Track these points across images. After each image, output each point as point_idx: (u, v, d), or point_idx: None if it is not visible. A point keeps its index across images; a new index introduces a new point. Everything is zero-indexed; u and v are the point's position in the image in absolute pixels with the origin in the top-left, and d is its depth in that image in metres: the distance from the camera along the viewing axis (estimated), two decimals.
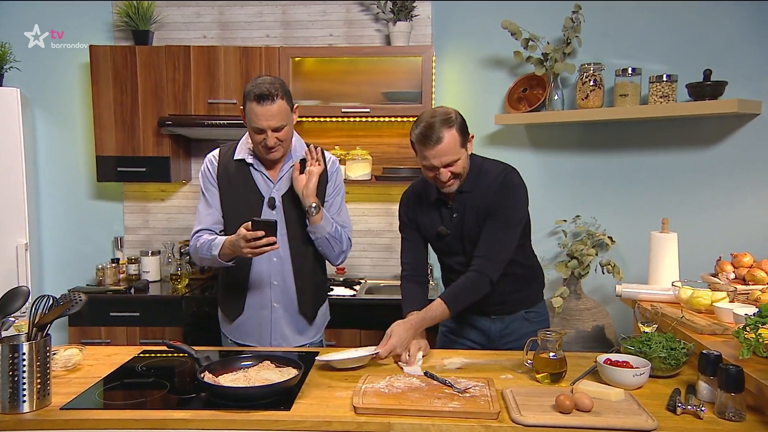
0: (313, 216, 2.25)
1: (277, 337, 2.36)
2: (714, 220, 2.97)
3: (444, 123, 2.06)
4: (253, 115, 2.15)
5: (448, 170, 2.10)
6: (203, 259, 2.28)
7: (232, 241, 2.14)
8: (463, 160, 2.12)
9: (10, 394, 1.59)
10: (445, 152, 2.06)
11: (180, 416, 1.61)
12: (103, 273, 3.66)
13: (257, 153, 2.29)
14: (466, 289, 2.14)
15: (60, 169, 3.92)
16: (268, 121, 2.15)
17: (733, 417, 1.58)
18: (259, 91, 2.13)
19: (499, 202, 2.16)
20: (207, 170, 2.35)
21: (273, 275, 2.33)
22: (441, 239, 2.26)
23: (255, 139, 2.22)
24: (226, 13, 3.80)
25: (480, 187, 2.19)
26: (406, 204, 2.37)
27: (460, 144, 2.09)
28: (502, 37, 3.41)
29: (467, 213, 2.20)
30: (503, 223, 2.15)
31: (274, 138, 2.18)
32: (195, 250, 2.30)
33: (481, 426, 1.57)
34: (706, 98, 2.80)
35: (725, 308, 2.11)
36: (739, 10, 2.87)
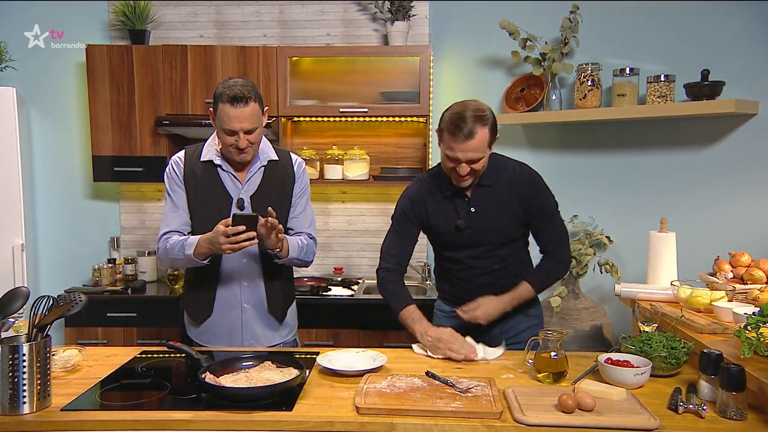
0: (280, 255, 2.26)
1: (249, 338, 2.33)
2: (711, 219, 2.98)
3: (478, 119, 2.05)
4: (226, 117, 2.13)
5: (469, 166, 2.10)
6: (175, 260, 2.25)
7: (208, 239, 2.11)
8: (485, 159, 2.13)
9: (10, 396, 1.58)
10: (473, 149, 2.07)
11: (181, 417, 1.60)
12: (99, 273, 3.64)
13: (227, 155, 2.25)
14: (550, 273, 2.30)
15: (55, 169, 3.90)
16: (241, 123, 2.13)
17: (735, 416, 1.59)
18: (233, 93, 2.11)
19: (534, 196, 2.24)
20: (173, 172, 2.30)
21: (243, 275, 2.30)
22: (459, 232, 2.25)
23: (226, 141, 2.19)
24: (222, 12, 3.79)
25: (501, 181, 2.22)
26: (414, 199, 2.32)
27: (488, 143, 2.10)
28: (500, 37, 3.42)
29: (488, 207, 2.22)
30: (550, 212, 2.27)
31: (245, 140, 2.16)
32: (165, 251, 2.25)
33: (484, 426, 1.57)
34: (703, 98, 2.81)
35: (724, 307, 2.12)
36: (737, 11, 2.88)
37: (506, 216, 2.22)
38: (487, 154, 2.12)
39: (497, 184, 2.22)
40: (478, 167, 2.12)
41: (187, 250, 2.18)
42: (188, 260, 2.20)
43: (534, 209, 2.24)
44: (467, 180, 2.15)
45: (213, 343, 2.34)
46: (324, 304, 3.32)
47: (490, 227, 2.23)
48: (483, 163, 2.12)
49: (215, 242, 2.08)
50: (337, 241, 3.88)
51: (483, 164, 2.13)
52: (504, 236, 2.25)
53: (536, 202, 2.23)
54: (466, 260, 2.28)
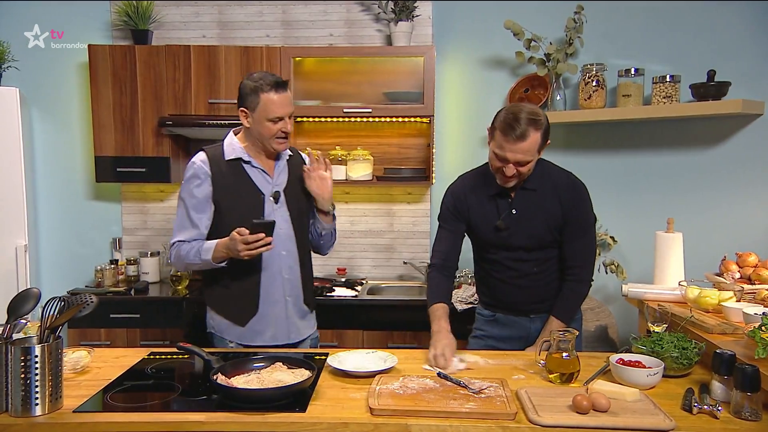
0: (331, 215, 2.36)
1: (293, 331, 2.37)
2: (717, 219, 2.99)
3: (532, 122, 2.06)
4: (271, 105, 2.18)
5: (516, 168, 2.11)
6: (190, 265, 2.27)
7: (225, 244, 2.15)
8: (533, 163, 2.13)
9: (22, 397, 1.57)
10: (523, 151, 2.07)
11: (195, 418, 1.59)
12: (102, 274, 3.62)
13: (267, 147, 2.28)
14: (574, 299, 2.27)
15: (57, 170, 3.88)
16: (285, 108, 2.21)
17: (750, 416, 1.58)
18: (273, 80, 2.19)
19: (574, 208, 2.22)
20: (200, 174, 2.26)
21: (283, 269, 2.33)
22: (498, 232, 2.25)
23: (270, 131, 2.22)
24: (225, 12, 3.77)
25: (545, 187, 2.22)
26: (457, 195, 2.33)
27: (538, 148, 2.10)
28: (503, 38, 3.42)
29: (529, 210, 2.22)
30: (584, 228, 2.25)
31: (290, 125, 2.24)
32: (178, 258, 2.26)
33: (498, 427, 1.56)
34: (709, 99, 2.82)
35: (734, 308, 2.12)
36: (742, 11, 2.89)
37: (546, 220, 2.22)
38: (535, 159, 2.13)
39: (541, 189, 2.22)
40: (525, 170, 2.12)
41: (204, 255, 2.20)
42: (205, 264, 2.22)
43: (572, 217, 2.22)
44: (512, 181, 2.16)
45: (257, 342, 2.33)
46: (328, 305, 3.31)
47: (530, 231, 2.23)
48: (530, 166, 2.13)
49: (233, 248, 2.11)
50: (340, 242, 3.83)
51: (530, 168, 2.13)
52: (542, 240, 2.24)
53: (576, 211, 2.22)
54: (503, 261, 2.28)
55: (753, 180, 2.89)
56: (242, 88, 2.25)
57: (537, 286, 2.27)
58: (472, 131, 3.74)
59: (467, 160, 3.70)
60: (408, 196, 3.81)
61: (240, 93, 2.26)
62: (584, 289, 2.28)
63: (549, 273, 2.28)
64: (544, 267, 2.27)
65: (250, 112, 2.23)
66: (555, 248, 2.27)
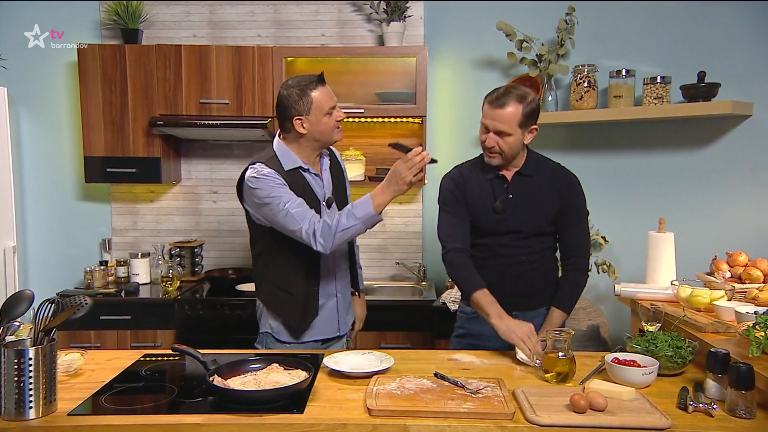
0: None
1: (342, 323, 2.44)
2: (708, 219, 3.02)
3: (516, 96, 2.15)
4: (324, 98, 2.23)
5: (495, 139, 2.17)
6: (345, 233, 2.12)
7: (384, 186, 2.10)
8: (514, 140, 2.17)
9: (15, 401, 1.54)
10: (501, 120, 2.14)
11: (192, 420, 1.58)
12: (91, 276, 3.59)
13: (328, 142, 2.32)
14: (573, 288, 2.31)
15: (45, 170, 3.84)
16: (334, 97, 2.27)
17: (744, 414, 1.60)
18: (315, 77, 2.24)
19: (571, 194, 2.29)
20: (276, 178, 2.20)
21: (337, 268, 2.39)
22: (495, 215, 2.28)
23: (329, 124, 2.25)
24: (216, 12, 3.76)
25: (541, 175, 2.29)
26: (456, 179, 2.36)
27: (518, 122, 2.15)
28: (495, 38, 3.43)
29: (525, 195, 2.28)
30: (579, 216, 2.31)
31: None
32: (327, 233, 2.11)
33: (497, 427, 1.57)
34: (699, 100, 2.84)
35: (726, 307, 2.14)
36: (732, 12, 2.92)
37: (542, 207, 2.27)
38: (516, 136, 2.16)
39: (537, 176, 2.29)
40: (504, 145, 2.17)
41: (360, 211, 2.10)
42: (366, 220, 2.11)
43: (568, 207, 2.29)
44: (495, 157, 2.22)
45: (307, 338, 2.34)
46: None
47: (526, 215, 2.27)
48: (511, 143, 2.17)
49: (398, 179, 2.08)
50: None
51: (510, 145, 2.17)
52: (537, 226, 2.29)
53: (572, 201, 2.29)
54: (497, 248, 2.30)
55: (742, 180, 2.92)
56: (286, 98, 2.23)
57: (524, 277, 2.29)
58: (464, 132, 3.75)
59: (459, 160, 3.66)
60: (400, 196, 3.78)
61: (285, 104, 2.23)
62: (583, 279, 2.33)
63: (537, 266, 2.30)
64: (534, 258, 2.29)
65: (306, 115, 2.22)
66: (547, 238, 2.32)
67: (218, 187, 3.86)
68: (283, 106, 2.24)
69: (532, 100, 2.18)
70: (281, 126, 2.30)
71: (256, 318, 2.44)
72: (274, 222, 2.20)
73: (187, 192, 3.87)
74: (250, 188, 2.21)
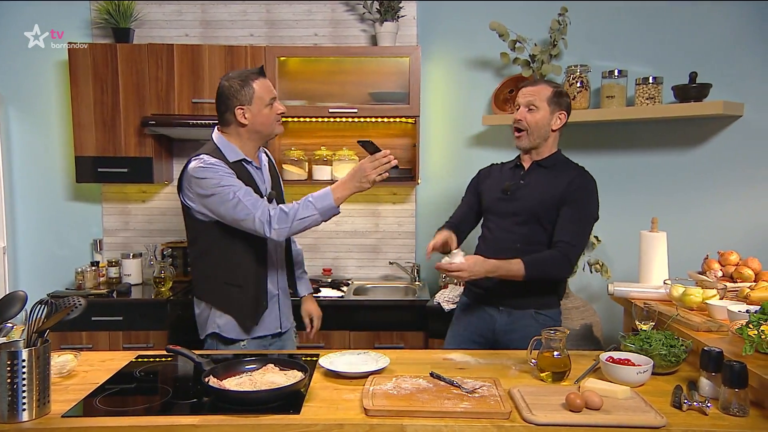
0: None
1: (285, 319, 2.45)
2: (699, 219, 3.04)
3: (549, 82, 2.41)
4: (266, 89, 2.26)
5: (524, 114, 2.33)
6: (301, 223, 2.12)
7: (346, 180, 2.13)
8: (541, 117, 2.32)
9: (8, 403, 1.52)
10: (533, 93, 2.33)
11: (188, 422, 1.57)
12: (82, 276, 3.57)
13: (270, 134, 2.34)
14: (547, 260, 2.27)
15: (35, 170, 3.81)
16: (273, 90, 2.30)
17: (738, 412, 1.61)
18: (254, 70, 2.29)
19: (574, 192, 2.31)
20: (223, 167, 2.19)
21: (278, 261, 2.42)
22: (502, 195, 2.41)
23: (270, 116, 2.28)
24: (209, 11, 3.74)
25: (559, 170, 2.38)
26: (483, 171, 2.59)
27: (548, 100, 2.32)
28: (488, 39, 3.43)
29: (536, 184, 2.37)
30: (577, 212, 2.31)
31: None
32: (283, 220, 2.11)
33: (493, 426, 1.57)
34: (691, 100, 2.86)
35: (719, 305, 2.15)
36: (723, 14, 2.94)
37: (547, 194, 2.33)
38: (545, 113, 2.32)
39: (554, 170, 2.38)
40: (531, 119, 2.32)
41: (320, 203, 2.12)
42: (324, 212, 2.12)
43: (571, 199, 2.30)
44: (521, 137, 2.36)
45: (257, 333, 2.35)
46: None
47: (530, 201, 2.35)
48: (538, 119, 2.32)
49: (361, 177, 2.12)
50: (325, 242, 3.85)
51: (537, 119, 2.32)
52: (535, 211, 2.33)
53: (577, 195, 2.31)
54: (494, 230, 2.42)
55: (733, 180, 2.94)
56: (227, 88, 2.23)
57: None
58: (457, 132, 3.76)
59: (453, 160, 3.72)
60: (393, 196, 3.81)
61: (226, 94, 2.23)
62: (563, 265, 2.27)
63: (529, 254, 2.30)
64: (528, 249, 2.30)
65: (247, 105, 2.22)
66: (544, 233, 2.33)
67: None
68: (224, 97, 2.23)
69: (564, 92, 2.38)
70: (221, 118, 2.28)
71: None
72: (221, 213, 2.15)
73: None
74: (196, 179, 2.16)
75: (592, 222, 2.38)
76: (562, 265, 2.28)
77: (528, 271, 2.22)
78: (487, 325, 2.40)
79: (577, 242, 2.30)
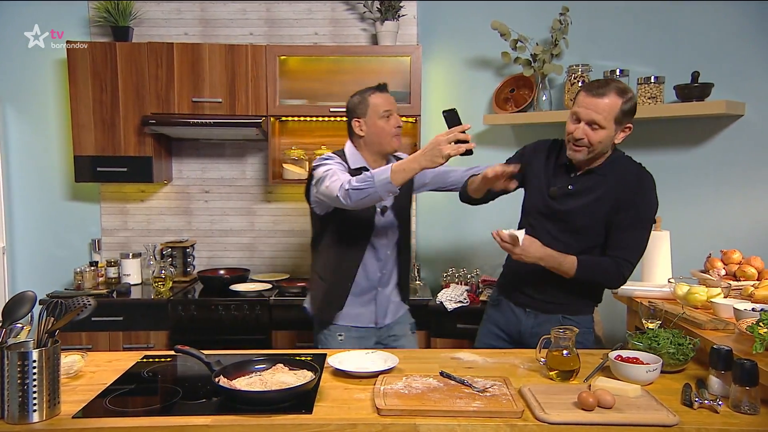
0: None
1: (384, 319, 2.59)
2: (702, 217, 3.04)
3: (617, 89, 2.08)
4: (380, 100, 2.43)
5: (586, 130, 2.08)
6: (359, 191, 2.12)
7: (423, 151, 2.04)
8: (605, 135, 2.08)
9: (19, 404, 1.51)
10: (597, 109, 2.05)
11: (200, 422, 1.56)
12: (81, 276, 3.54)
13: (385, 147, 2.46)
14: (601, 268, 2.17)
15: (33, 170, 3.78)
16: (392, 103, 2.45)
17: (749, 410, 1.62)
18: (375, 85, 2.47)
19: (633, 198, 2.14)
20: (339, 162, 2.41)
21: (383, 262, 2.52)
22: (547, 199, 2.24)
23: (386, 128, 2.42)
24: (208, 10, 3.72)
25: (612, 176, 2.17)
26: (538, 147, 2.37)
27: (615, 118, 2.07)
28: (488, 38, 3.43)
29: (586, 193, 2.19)
30: (635, 219, 2.15)
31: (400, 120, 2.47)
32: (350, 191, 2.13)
33: (507, 425, 1.57)
34: (693, 100, 2.87)
35: (724, 304, 2.16)
36: (724, 14, 2.94)
37: (596, 212, 2.17)
38: (609, 131, 2.08)
39: (608, 177, 2.18)
40: (594, 138, 2.08)
41: (377, 176, 2.09)
42: (382, 187, 2.09)
43: (624, 206, 2.14)
44: (580, 151, 2.12)
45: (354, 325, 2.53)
46: None
47: (576, 213, 2.19)
48: (602, 138, 2.08)
49: (434, 151, 2.02)
50: None
51: (600, 140, 2.08)
52: (585, 227, 2.20)
53: (630, 204, 2.15)
54: (537, 228, 2.24)
55: (735, 179, 2.95)
56: (349, 102, 2.50)
57: (546, 277, 2.21)
58: None
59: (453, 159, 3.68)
60: None
61: (349, 107, 2.49)
62: (614, 272, 2.17)
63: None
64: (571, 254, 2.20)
65: (363, 118, 2.44)
66: (590, 240, 2.21)
67: (210, 187, 3.83)
68: (348, 110, 2.49)
69: (631, 97, 2.09)
70: (348, 130, 2.52)
71: (252, 318, 2.49)
72: (322, 191, 2.26)
73: (179, 191, 3.84)
74: (314, 168, 2.39)
75: (650, 227, 2.23)
76: (614, 277, 2.19)
77: (579, 272, 2.14)
78: (513, 326, 2.37)
79: (633, 256, 2.18)
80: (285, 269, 3.85)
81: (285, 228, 3.85)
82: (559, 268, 2.16)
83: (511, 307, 2.38)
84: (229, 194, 3.82)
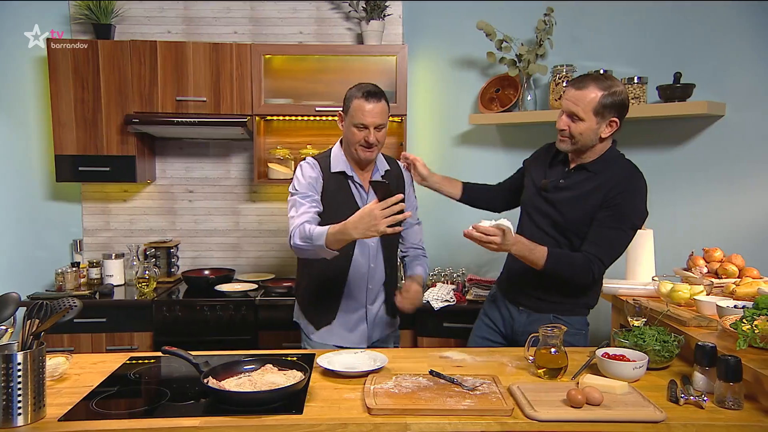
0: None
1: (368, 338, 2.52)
2: (684, 216, 3.08)
3: (599, 83, 2.09)
4: (359, 112, 2.25)
5: (566, 121, 2.13)
6: (300, 249, 2.17)
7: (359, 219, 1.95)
8: (586, 127, 2.11)
9: (3, 408, 1.49)
10: (578, 101, 2.09)
11: (189, 423, 1.55)
12: (63, 278, 3.48)
13: (352, 155, 2.35)
14: (569, 259, 2.15)
15: (12, 169, 3.71)
16: (373, 117, 2.25)
17: (733, 405, 1.64)
18: (368, 89, 2.27)
19: (618, 197, 2.13)
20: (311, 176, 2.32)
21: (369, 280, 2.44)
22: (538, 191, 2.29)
23: (355, 137, 2.29)
24: (191, 8, 3.69)
25: (604, 174, 2.18)
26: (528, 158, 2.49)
27: (594, 109, 2.09)
28: (474, 38, 3.45)
29: (577, 188, 2.21)
30: (618, 220, 2.13)
31: (375, 136, 2.27)
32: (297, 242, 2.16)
33: (497, 423, 1.58)
34: (675, 100, 2.91)
35: (707, 301, 2.19)
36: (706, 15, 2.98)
37: (585, 207, 2.18)
38: (590, 124, 2.10)
39: (599, 175, 2.19)
40: (575, 130, 2.12)
41: (317, 240, 2.08)
42: (317, 251, 2.12)
43: (608, 205, 2.13)
44: (564, 141, 2.17)
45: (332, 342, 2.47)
46: None
47: (564, 205, 2.21)
48: (581, 128, 2.11)
49: (369, 224, 1.94)
50: None
51: (581, 130, 2.12)
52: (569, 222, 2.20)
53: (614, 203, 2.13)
54: (526, 224, 2.32)
55: (716, 178, 3.00)
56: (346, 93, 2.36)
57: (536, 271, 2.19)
58: (443, 130, 3.77)
59: (439, 159, 3.72)
60: None
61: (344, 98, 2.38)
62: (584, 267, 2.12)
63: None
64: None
65: (344, 115, 2.34)
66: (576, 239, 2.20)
67: (194, 186, 3.79)
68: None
69: (616, 92, 2.09)
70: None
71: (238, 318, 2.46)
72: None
73: (162, 191, 3.80)
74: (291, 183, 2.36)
75: (631, 232, 2.18)
76: (583, 273, 2.14)
77: (548, 263, 2.11)
78: (507, 323, 2.41)
79: (605, 255, 2.14)
80: (270, 269, 3.83)
81: (270, 228, 3.83)
82: (528, 256, 2.12)
83: (506, 305, 2.42)
84: (214, 194, 3.79)
